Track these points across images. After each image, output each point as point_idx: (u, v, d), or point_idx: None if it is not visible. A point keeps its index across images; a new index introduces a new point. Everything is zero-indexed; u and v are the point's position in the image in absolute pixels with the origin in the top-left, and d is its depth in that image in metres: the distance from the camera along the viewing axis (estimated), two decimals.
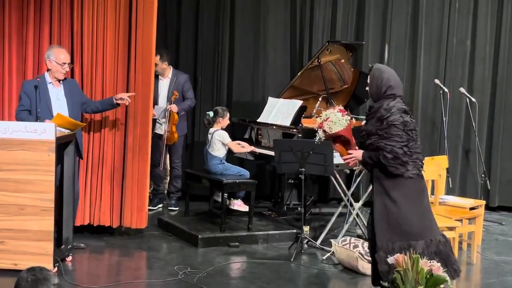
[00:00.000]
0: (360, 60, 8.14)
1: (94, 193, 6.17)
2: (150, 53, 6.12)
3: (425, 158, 6.59)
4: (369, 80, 4.58)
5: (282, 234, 6.51)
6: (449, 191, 7.25)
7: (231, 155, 7.06)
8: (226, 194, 6.44)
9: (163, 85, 7.44)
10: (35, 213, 5.11)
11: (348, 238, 5.74)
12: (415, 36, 8.18)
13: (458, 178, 8.25)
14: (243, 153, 7.04)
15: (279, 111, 6.95)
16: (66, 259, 5.51)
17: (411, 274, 3.85)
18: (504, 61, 8.22)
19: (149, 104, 6.16)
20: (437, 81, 7.85)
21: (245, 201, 6.84)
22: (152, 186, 7.76)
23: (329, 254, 5.92)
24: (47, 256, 5.10)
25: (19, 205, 5.11)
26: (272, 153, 6.59)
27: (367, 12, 8.15)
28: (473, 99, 7.85)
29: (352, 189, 6.47)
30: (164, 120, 7.24)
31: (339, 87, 7.46)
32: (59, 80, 5.75)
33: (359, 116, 7.21)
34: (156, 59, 7.20)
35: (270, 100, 7.19)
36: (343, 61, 7.29)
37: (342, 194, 6.46)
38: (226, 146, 6.80)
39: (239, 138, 7.10)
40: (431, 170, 5.96)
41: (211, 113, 6.87)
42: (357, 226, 6.67)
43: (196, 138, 8.18)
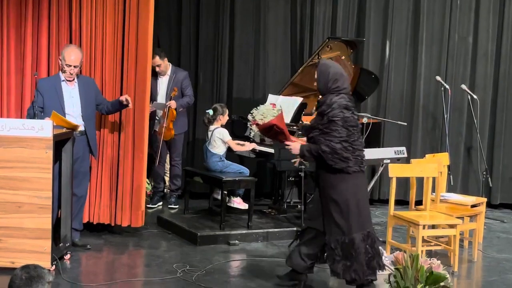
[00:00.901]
0: (361, 57, 8.10)
1: (94, 190, 6.14)
2: (146, 50, 6.04)
3: (426, 155, 6.63)
4: (316, 75, 4.72)
5: (282, 232, 6.48)
6: (450, 189, 7.22)
7: (232, 153, 7.03)
8: (225, 192, 6.41)
9: (162, 82, 7.41)
10: (33, 210, 5.08)
11: None
12: (417, 33, 8.14)
13: (459, 176, 8.21)
14: (245, 151, 7.01)
15: None
16: (65, 257, 5.48)
17: (410, 272, 3.81)
18: (506, 58, 8.18)
19: (145, 102, 6.10)
20: (438, 78, 7.81)
21: (245, 199, 6.81)
22: (152, 184, 7.74)
23: None
24: (45, 254, 5.07)
25: (16, 203, 5.08)
26: (272, 150, 6.56)
27: (368, 8, 8.11)
28: (475, 96, 7.81)
29: None
30: (161, 115, 7.21)
31: None
32: (74, 78, 5.73)
33: (359, 114, 7.17)
34: (156, 59, 7.18)
35: (270, 97, 7.15)
36: (343, 57, 7.25)
37: None
38: (226, 144, 6.77)
39: (239, 136, 7.07)
40: (433, 168, 5.93)
41: (211, 111, 6.84)
42: None
43: (196, 136, 8.14)
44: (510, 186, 8.30)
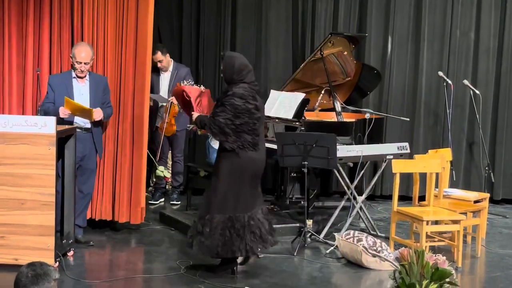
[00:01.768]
0: (363, 52, 8.08)
1: (96, 187, 6.12)
2: (145, 44, 6.02)
3: (429, 151, 6.62)
4: (222, 66, 5.05)
5: (285, 228, 6.46)
6: (453, 184, 7.21)
7: None
8: None
9: (164, 78, 7.40)
10: (36, 207, 5.07)
11: (352, 232, 5.70)
12: (419, 28, 8.12)
13: (462, 171, 8.20)
14: None
15: (281, 104, 6.89)
16: (68, 253, 5.47)
17: (416, 268, 3.80)
18: (508, 53, 8.16)
19: (144, 97, 6.09)
20: (440, 74, 7.79)
21: None
22: (154, 180, 7.73)
23: (332, 248, 5.88)
24: (48, 251, 5.06)
25: (19, 200, 5.08)
26: (274, 146, 6.54)
27: (369, 4, 8.09)
28: (477, 92, 7.80)
29: (355, 183, 6.41)
30: (163, 110, 7.20)
31: (342, 80, 7.39)
32: (85, 75, 5.72)
33: (361, 109, 7.16)
34: (158, 54, 7.17)
35: (273, 93, 7.13)
36: (345, 53, 7.23)
37: (345, 188, 6.41)
38: None
39: None
40: (436, 163, 5.92)
41: None
42: (361, 219, 6.63)
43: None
44: None
